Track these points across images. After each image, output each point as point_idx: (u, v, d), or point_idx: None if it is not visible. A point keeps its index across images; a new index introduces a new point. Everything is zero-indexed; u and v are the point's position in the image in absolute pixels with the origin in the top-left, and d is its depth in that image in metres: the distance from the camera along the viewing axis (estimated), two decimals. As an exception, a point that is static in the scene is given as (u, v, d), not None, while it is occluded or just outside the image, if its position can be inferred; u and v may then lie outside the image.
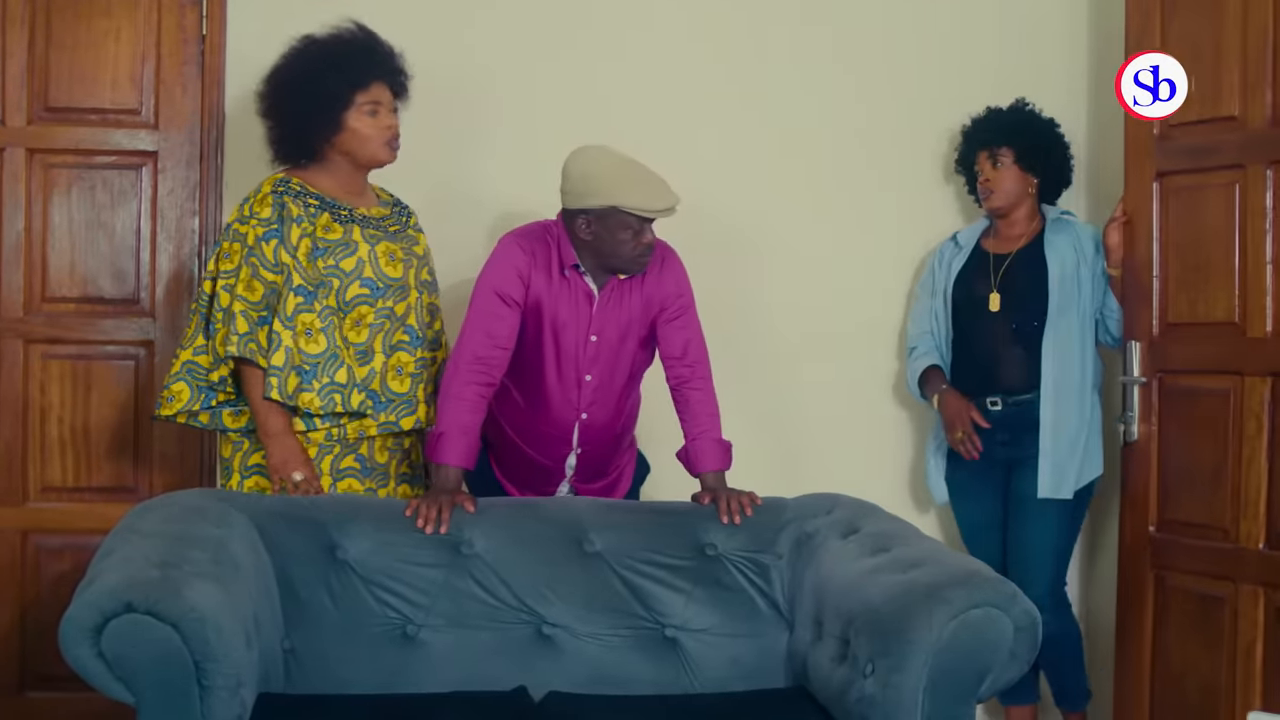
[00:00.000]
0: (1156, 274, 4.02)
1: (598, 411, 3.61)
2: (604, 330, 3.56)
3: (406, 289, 3.65)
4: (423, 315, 3.71)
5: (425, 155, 4.05)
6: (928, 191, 4.59)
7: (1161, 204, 4.02)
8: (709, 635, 3.37)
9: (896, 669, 2.86)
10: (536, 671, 3.28)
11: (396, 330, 3.64)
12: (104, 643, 2.67)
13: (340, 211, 3.60)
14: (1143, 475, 4.05)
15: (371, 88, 3.60)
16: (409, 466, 3.75)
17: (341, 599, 3.28)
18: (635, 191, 3.41)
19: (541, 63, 4.44)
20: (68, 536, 4.21)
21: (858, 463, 4.47)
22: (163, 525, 3.07)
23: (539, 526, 3.41)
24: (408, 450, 3.74)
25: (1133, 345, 4.05)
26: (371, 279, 3.57)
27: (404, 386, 3.64)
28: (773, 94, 4.54)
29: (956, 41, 4.58)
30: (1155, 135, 4.01)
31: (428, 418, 3.66)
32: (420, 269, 3.72)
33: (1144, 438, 4.04)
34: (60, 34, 4.23)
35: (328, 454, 3.59)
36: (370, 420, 3.60)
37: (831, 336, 4.54)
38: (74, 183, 4.27)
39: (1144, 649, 4.03)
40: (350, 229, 3.59)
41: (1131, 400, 4.05)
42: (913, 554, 3.14)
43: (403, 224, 3.75)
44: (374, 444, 3.65)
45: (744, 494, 3.48)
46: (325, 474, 3.58)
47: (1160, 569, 4.00)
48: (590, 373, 3.57)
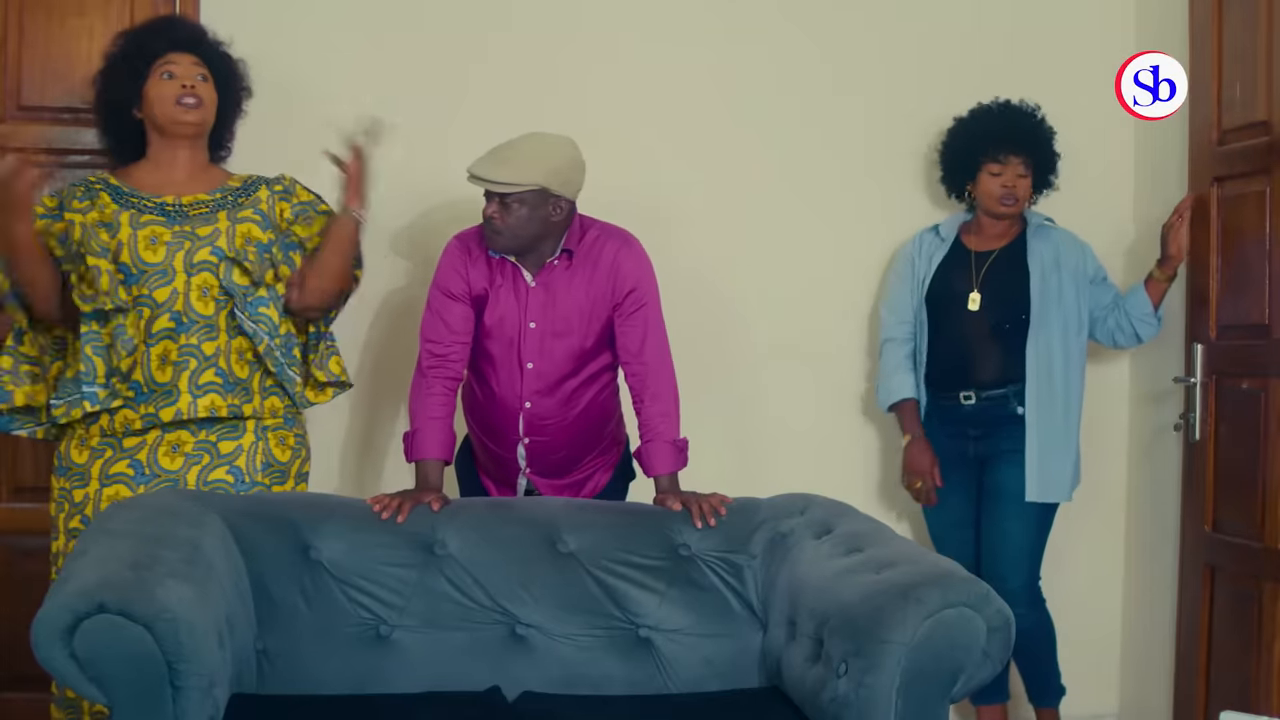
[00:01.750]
0: (1215, 277, 4.09)
1: (542, 401, 3.63)
2: (542, 317, 3.59)
3: (169, 273, 3.51)
4: (193, 299, 3.52)
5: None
6: (905, 191, 4.60)
7: (1219, 208, 4.09)
8: (683, 635, 3.37)
9: (870, 669, 2.86)
10: (510, 672, 3.28)
11: (159, 317, 3.51)
12: (76, 643, 2.65)
13: (130, 199, 3.57)
14: (1202, 475, 4.11)
15: (168, 55, 3.60)
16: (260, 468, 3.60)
17: (315, 599, 3.28)
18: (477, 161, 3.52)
19: (518, 57, 4.45)
20: (40, 537, 4.17)
21: (830, 463, 4.49)
22: (135, 525, 3.06)
23: (512, 527, 3.41)
24: (225, 457, 3.58)
25: (1196, 347, 4.10)
26: (126, 264, 3.50)
27: (165, 375, 3.52)
28: (748, 91, 4.55)
29: (977, 39, 4.60)
30: (1213, 140, 4.06)
31: (190, 409, 3.51)
32: (198, 250, 3.53)
33: (1204, 438, 4.11)
34: (32, 32, 4.22)
35: (99, 458, 3.54)
36: (133, 414, 3.51)
37: (805, 335, 4.55)
38: (46, 181, 4.24)
39: (1201, 648, 4.10)
40: (121, 213, 3.54)
41: (1195, 401, 4.11)
42: (886, 554, 3.14)
43: (220, 205, 3.61)
44: (155, 448, 3.54)
45: (712, 496, 3.49)
46: (94, 479, 3.51)
47: (1214, 568, 4.08)
48: (531, 360, 3.61)
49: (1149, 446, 4.50)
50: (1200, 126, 4.15)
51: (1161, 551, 4.36)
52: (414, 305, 3.96)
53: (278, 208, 3.66)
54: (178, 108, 3.58)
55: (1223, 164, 4.06)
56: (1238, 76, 3.99)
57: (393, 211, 4.22)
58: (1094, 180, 4.57)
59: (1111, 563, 4.65)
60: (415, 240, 4.38)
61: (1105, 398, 4.59)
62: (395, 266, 4.39)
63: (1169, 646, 4.30)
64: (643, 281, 3.62)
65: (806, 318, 4.56)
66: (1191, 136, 4.19)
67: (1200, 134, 4.14)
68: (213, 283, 3.55)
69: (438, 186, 4.24)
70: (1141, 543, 4.56)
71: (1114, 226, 4.59)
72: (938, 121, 4.47)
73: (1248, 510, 3.90)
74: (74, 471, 3.55)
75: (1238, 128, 4.01)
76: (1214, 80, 4.08)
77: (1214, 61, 4.07)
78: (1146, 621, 4.47)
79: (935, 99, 4.50)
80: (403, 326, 4.23)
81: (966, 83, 4.47)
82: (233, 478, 3.56)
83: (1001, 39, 4.59)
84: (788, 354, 4.54)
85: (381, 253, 4.24)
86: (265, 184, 3.70)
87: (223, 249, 3.55)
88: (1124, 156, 4.56)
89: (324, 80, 4.27)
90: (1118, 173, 4.61)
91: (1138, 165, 4.57)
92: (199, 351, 3.54)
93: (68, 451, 3.57)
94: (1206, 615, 4.08)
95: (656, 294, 3.65)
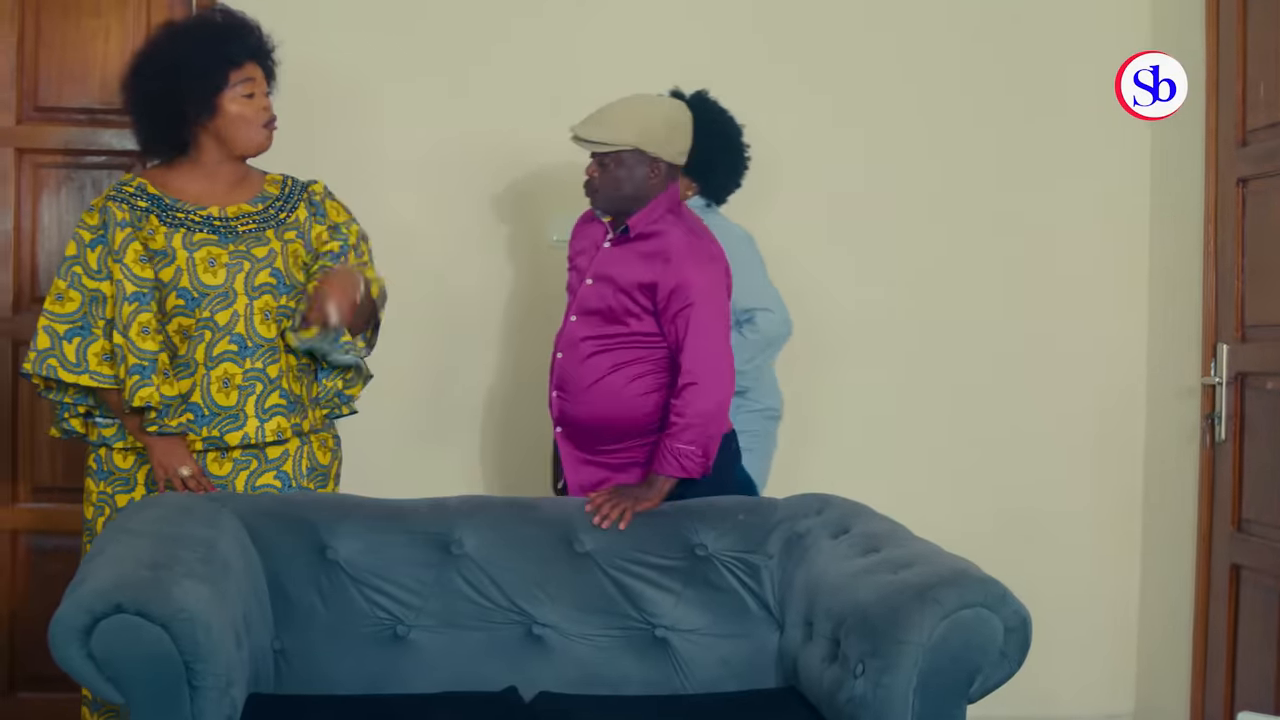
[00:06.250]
0: (1240, 277, 4.10)
1: (568, 354, 3.61)
2: (600, 277, 3.57)
3: (231, 295, 3.44)
4: (256, 322, 3.46)
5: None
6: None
7: (1243, 208, 4.09)
8: (699, 635, 3.36)
9: (887, 669, 2.86)
10: (527, 672, 3.28)
11: (220, 340, 3.44)
12: (94, 643, 2.66)
13: (175, 215, 3.44)
14: (1226, 475, 4.11)
15: (245, 66, 3.46)
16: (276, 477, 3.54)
17: (332, 599, 3.28)
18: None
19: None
20: (58, 537, 4.21)
21: (848, 463, 4.49)
22: (153, 525, 3.07)
23: (529, 527, 3.41)
24: (273, 462, 3.54)
25: (1221, 348, 4.10)
26: (187, 289, 3.41)
27: (230, 400, 3.44)
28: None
29: (991, 37, 4.60)
30: (1238, 140, 4.07)
31: (258, 434, 3.46)
32: (257, 272, 3.46)
33: (1228, 438, 4.11)
34: (49, 33, 4.23)
35: (146, 463, 3.47)
36: (194, 436, 3.44)
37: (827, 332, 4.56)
38: (63, 183, 4.27)
39: (1226, 648, 4.11)
40: (173, 235, 3.42)
41: (1219, 401, 4.11)
42: (903, 554, 3.14)
43: (268, 220, 3.53)
44: (204, 455, 3.48)
45: (625, 503, 3.42)
46: (140, 484, 3.48)
47: (1239, 567, 4.08)
48: (574, 314, 3.62)
49: (1166, 447, 4.48)
50: (1224, 127, 4.13)
51: (1179, 552, 4.35)
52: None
53: (314, 230, 3.60)
54: (263, 131, 3.49)
55: (1247, 164, 4.04)
56: (1262, 76, 3.98)
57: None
58: (1110, 181, 4.56)
59: (1128, 563, 4.64)
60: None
61: (1121, 398, 4.58)
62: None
63: (1186, 647, 4.29)
64: (690, 283, 3.47)
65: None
66: (1216, 136, 4.17)
67: (1223, 134, 4.13)
68: (273, 305, 3.48)
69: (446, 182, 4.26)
70: (1158, 543, 4.55)
71: (1131, 228, 4.57)
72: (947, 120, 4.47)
73: (1273, 510, 3.89)
74: (117, 477, 3.51)
75: (1262, 127, 4.00)
76: (1238, 80, 4.07)
77: (1238, 61, 4.06)
78: (1164, 622, 4.46)
79: (946, 97, 4.49)
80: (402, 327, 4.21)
81: (977, 81, 4.46)
82: (280, 483, 3.53)
83: (1013, 39, 4.58)
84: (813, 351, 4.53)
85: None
86: (303, 198, 3.61)
87: (281, 271, 3.49)
88: (1140, 157, 4.54)
89: (334, 71, 4.28)
90: (1134, 174, 4.59)
91: (1154, 166, 4.56)
92: (264, 375, 3.47)
93: (109, 456, 3.51)
94: (1231, 615, 4.07)
95: (710, 300, 3.49)
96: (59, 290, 3.41)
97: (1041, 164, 4.57)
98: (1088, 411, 4.62)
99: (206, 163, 3.50)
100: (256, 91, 3.48)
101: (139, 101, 3.47)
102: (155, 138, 3.50)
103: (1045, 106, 4.52)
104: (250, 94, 3.47)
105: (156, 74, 3.43)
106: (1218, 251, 4.16)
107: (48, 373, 3.39)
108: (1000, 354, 4.59)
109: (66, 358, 3.38)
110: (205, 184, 3.51)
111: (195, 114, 3.43)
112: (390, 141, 4.44)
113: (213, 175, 3.51)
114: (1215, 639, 4.14)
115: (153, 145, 3.53)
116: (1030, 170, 4.56)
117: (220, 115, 3.44)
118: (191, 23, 3.52)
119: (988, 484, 4.57)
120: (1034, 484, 4.60)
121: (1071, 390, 4.61)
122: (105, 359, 3.40)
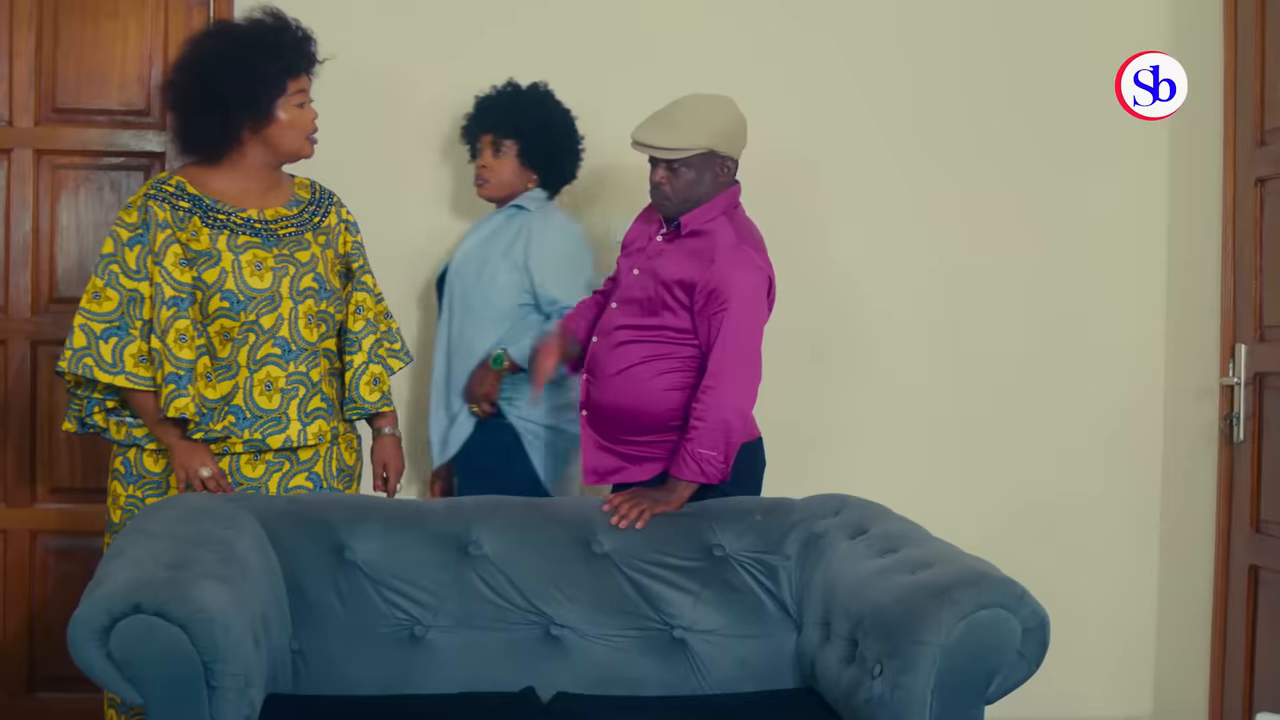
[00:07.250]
0: (1259, 278, 4.08)
1: (602, 339, 3.61)
2: (645, 269, 3.57)
3: (276, 299, 3.46)
4: (300, 326, 3.50)
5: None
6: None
7: (1261, 209, 4.07)
8: (717, 636, 3.36)
9: (905, 670, 2.86)
10: (544, 672, 3.28)
11: (264, 344, 3.47)
12: (112, 644, 2.67)
13: (217, 216, 3.46)
14: (1245, 475, 4.10)
15: (301, 76, 3.50)
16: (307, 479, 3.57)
17: (349, 600, 3.28)
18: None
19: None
20: (76, 538, 4.22)
21: (865, 463, 4.48)
22: (171, 526, 3.08)
23: (547, 527, 3.41)
24: (304, 464, 3.56)
25: (1240, 348, 4.09)
26: (232, 291, 3.41)
27: (273, 403, 3.48)
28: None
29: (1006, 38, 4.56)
30: (1256, 140, 4.06)
31: (300, 437, 3.50)
32: (302, 276, 3.50)
33: (1247, 438, 4.10)
34: (68, 35, 4.24)
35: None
36: (235, 438, 3.45)
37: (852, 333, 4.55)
38: (82, 184, 4.28)
39: (1244, 648, 4.09)
40: (217, 237, 3.43)
41: (1238, 401, 4.10)
42: (921, 555, 3.13)
43: (304, 224, 3.57)
44: (237, 456, 3.49)
45: (644, 504, 3.43)
46: (173, 487, 3.45)
47: (1258, 568, 4.07)
48: (616, 301, 3.62)
49: (1183, 447, 4.46)
50: (1241, 127, 4.11)
51: (1197, 553, 4.34)
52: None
53: (342, 238, 3.64)
54: (308, 142, 3.53)
55: (1266, 164, 4.03)
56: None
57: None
58: (1128, 182, 4.54)
59: (1146, 564, 4.62)
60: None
61: (1139, 399, 4.56)
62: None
63: (1205, 648, 4.28)
64: (729, 287, 3.44)
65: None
66: (1234, 137, 4.16)
67: (1241, 134, 4.11)
68: (314, 309, 3.51)
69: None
70: (1176, 544, 4.53)
71: (1148, 229, 4.56)
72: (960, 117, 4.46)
73: None
74: (148, 480, 3.51)
75: (1279, 128, 3.99)
76: (1256, 80, 4.05)
77: (1256, 62, 4.04)
78: (1182, 623, 4.45)
79: (962, 99, 4.48)
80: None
81: (993, 82, 4.46)
82: (311, 484, 3.54)
83: (1030, 40, 4.56)
84: (833, 352, 4.53)
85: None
86: (333, 204, 3.65)
87: (322, 276, 3.52)
88: (1158, 158, 4.52)
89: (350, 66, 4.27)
90: (1152, 174, 4.58)
91: (1172, 167, 4.54)
92: (306, 379, 3.50)
93: (140, 459, 3.50)
94: (1249, 616, 4.06)
95: (746, 307, 3.47)
96: (96, 288, 3.41)
97: (1060, 165, 4.55)
98: (1106, 412, 4.59)
99: (249, 166, 3.52)
100: (307, 101, 3.52)
101: (188, 100, 3.46)
102: (201, 137, 3.49)
103: (1062, 108, 4.49)
104: (302, 104, 3.50)
105: (214, 75, 3.42)
106: (1235, 252, 4.14)
107: (84, 372, 3.39)
108: (1017, 355, 4.56)
109: (103, 357, 3.39)
110: (244, 186, 3.52)
111: (250, 118, 3.45)
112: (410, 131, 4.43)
113: (253, 178, 3.53)
114: (1234, 640, 4.12)
115: (196, 145, 3.51)
116: (1048, 171, 4.54)
117: (274, 122, 3.47)
118: (250, 26, 3.49)
119: (1005, 484, 4.55)
120: (1051, 484, 4.58)
121: (1090, 391, 4.58)
122: (142, 360, 3.40)
